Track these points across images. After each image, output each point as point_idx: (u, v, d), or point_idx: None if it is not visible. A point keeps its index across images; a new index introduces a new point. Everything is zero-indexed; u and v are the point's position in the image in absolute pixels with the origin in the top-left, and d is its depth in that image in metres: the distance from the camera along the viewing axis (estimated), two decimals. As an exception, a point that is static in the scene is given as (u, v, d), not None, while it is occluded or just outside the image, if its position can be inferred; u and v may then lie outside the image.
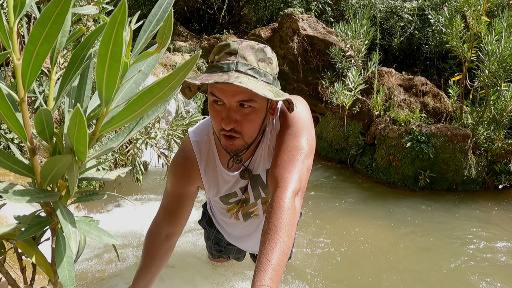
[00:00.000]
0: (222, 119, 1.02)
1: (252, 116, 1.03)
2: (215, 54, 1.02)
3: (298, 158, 1.03)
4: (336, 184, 3.72)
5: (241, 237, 1.58)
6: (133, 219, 2.62)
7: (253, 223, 1.47)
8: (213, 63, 1.01)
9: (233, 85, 0.95)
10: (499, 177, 3.66)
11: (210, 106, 1.05)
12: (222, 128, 1.03)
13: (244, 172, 1.23)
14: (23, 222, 0.75)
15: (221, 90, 0.99)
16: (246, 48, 0.99)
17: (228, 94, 0.99)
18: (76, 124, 0.60)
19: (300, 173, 1.01)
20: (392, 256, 2.43)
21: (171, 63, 4.77)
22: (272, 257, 0.83)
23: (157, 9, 0.66)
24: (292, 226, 0.90)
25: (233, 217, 1.42)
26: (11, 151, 0.81)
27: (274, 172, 1.03)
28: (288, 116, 1.12)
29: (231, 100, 0.99)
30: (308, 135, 1.10)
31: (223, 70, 0.97)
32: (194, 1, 6.45)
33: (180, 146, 1.29)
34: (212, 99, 1.03)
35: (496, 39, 3.39)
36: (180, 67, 0.59)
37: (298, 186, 0.99)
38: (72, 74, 0.71)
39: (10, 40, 0.63)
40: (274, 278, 0.80)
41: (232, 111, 1.01)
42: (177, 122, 2.74)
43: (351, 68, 4.34)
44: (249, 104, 1.01)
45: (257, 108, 1.03)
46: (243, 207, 1.36)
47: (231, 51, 0.99)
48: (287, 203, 0.93)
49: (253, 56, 0.99)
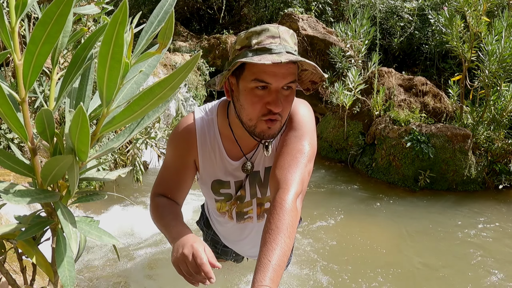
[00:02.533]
0: (267, 103, 1.01)
1: (291, 97, 1.05)
2: (251, 38, 1.00)
3: (301, 161, 1.04)
4: (336, 184, 3.72)
5: (235, 241, 1.56)
6: (133, 219, 2.62)
7: (247, 227, 1.44)
8: (251, 47, 0.99)
9: (283, 67, 0.97)
10: (499, 177, 3.66)
11: (250, 92, 1.01)
12: (267, 112, 1.02)
13: (246, 164, 1.23)
14: (23, 222, 0.75)
15: (272, 74, 0.98)
16: (285, 32, 1.01)
17: (280, 77, 0.98)
18: (79, 123, 0.60)
19: (302, 176, 1.01)
20: (392, 255, 2.43)
21: (171, 63, 4.77)
22: (273, 257, 0.83)
23: (159, 10, 0.66)
24: (293, 228, 0.90)
25: (227, 216, 1.40)
26: (12, 151, 0.81)
27: (276, 173, 1.03)
28: (294, 119, 1.13)
29: (281, 82, 0.99)
30: (311, 139, 1.11)
31: (274, 52, 0.96)
32: (194, 1, 6.45)
33: (182, 119, 1.26)
34: (255, 85, 1.00)
35: (496, 39, 3.39)
36: (180, 68, 0.59)
37: (300, 189, 0.99)
38: (73, 75, 0.71)
39: (12, 40, 0.63)
40: (274, 279, 0.80)
41: (280, 94, 1.01)
42: (177, 122, 2.74)
43: (351, 68, 4.34)
44: (292, 85, 1.02)
45: (294, 89, 1.05)
46: (237, 204, 1.35)
47: (273, 35, 0.99)
48: (289, 204, 0.93)
49: (291, 39, 1.02)
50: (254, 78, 0.99)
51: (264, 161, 1.24)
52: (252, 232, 1.47)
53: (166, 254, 2.23)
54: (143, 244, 2.35)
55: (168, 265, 2.11)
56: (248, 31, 1.02)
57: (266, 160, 1.23)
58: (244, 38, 1.01)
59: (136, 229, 2.49)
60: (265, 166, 1.25)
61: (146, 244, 2.34)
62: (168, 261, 2.23)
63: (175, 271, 1.00)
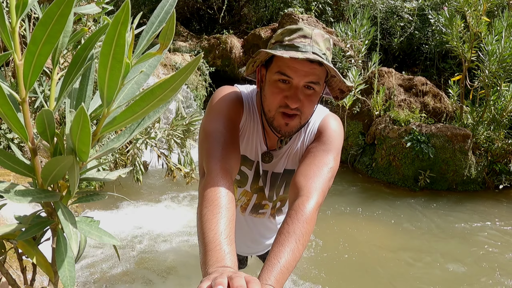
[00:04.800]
0: (286, 97, 1.03)
1: (314, 98, 1.06)
2: (285, 35, 1.04)
3: (326, 174, 1.05)
4: (336, 184, 3.72)
5: (238, 236, 1.56)
6: (133, 219, 2.62)
7: (254, 221, 1.45)
8: (282, 42, 1.03)
9: (306, 66, 1.00)
10: (499, 177, 3.66)
11: (273, 84, 1.05)
12: (284, 105, 1.04)
13: (266, 155, 1.23)
14: (23, 222, 0.75)
15: (294, 69, 1.01)
16: (318, 35, 1.04)
17: (301, 74, 1.01)
18: (80, 123, 0.60)
19: (324, 189, 1.03)
20: (392, 255, 2.43)
21: (171, 63, 4.77)
22: (282, 259, 0.82)
23: (159, 11, 0.66)
24: (307, 236, 0.91)
25: (240, 208, 1.40)
26: (12, 151, 0.80)
27: (300, 180, 1.03)
28: (324, 133, 1.15)
29: (302, 80, 1.02)
30: (338, 156, 1.13)
31: (300, 50, 1.00)
32: (194, 1, 6.45)
33: (222, 89, 1.17)
34: (278, 77, 1.03)
35: (496, 39, 3.39)
36: (182, 69, 0.59)
37: (321, 200, 1.01)
38: (74, 75, 0.71)
39: (12, 40, 0.63)
40: (280, 280, 0.80)
41: (299, 91, 1.03)
42: (177, 122, 2.74)
43: (351, 68, 4.33)
44: (314, 86, 1.04)
45: (317, 91, 1.06)
46: (258, 194, 1.35)
47: (305, 35, 1.02)
48: (309, 212, 0.93)
49: (323, 44, 1.04)
50: (277, 71, 1.03)
51: (285, 162, 1.25)
52: (256, 229, 1.47)
53: (166, 253, 2.23)
54: (143, 244, 2.34)
55: (169, 264, 2.11)
56: (284, 28, 1.06)
57: (289, 162, 1.25)
58: (279, 34, 1.06)
59: (136, 229, 2.49)
60: (285, 168, 1.26)
61: (147, 244, 2.34)
62: (168, 261, 2.23)
63: (175, 271, 0.99)
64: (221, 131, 1.06)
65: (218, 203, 0.87)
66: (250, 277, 0.63)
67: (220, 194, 0.89)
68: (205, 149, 1.04)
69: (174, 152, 2.91)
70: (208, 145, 1.04)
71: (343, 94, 1.14)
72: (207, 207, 0.86)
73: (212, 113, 1.11)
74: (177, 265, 2.07)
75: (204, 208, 0.86)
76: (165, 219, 2.70)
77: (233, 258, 0.77)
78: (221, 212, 0.85)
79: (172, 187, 3.30)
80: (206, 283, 0.63)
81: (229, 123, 1.09)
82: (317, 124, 1.19)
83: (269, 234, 1.52)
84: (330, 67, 0.99)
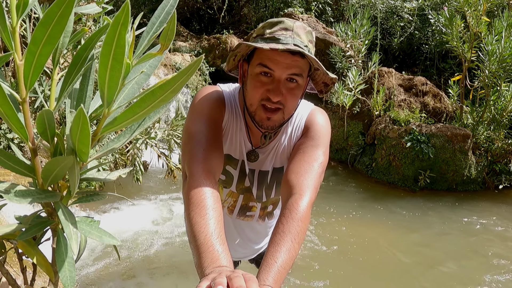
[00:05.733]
0: (268, 90, 1.02)
1: (296, 91, 1.05)
2: (266, 28, 1.03)
3: (317, 170, 1.05)
4: (336, 184, 3.72)
5: (229, 240, 1.53)
6: (133, 219, 2.62)
7: (241, 225, 1.41)
8: (263, 35, 1.02)
9: (288, 58, 0.98)
10: (499, 177, 3.66)
11: (254, 77, 1.03)
12: (266, 98, 1.02)
13: (251, 153, 1.21)
14: (24, 222, 0.75)
15: (276, 62, 0.99)
16: (300, 27, 1.02)
17: (283, 66, 1.00)
18: (79, 124, 0.60)
19: (316, 185, 1.02)
20: (391, 255, 2.43)
21: (171, 63, 4.77)
22: (279, 259, 0.82)
23: (160, 11, 0.66)
24: (302, 235, 0.90)
25: (227, 209, 1.38)
26: (12, 151, 0.80)
27: (292, 178, 1.02)
28: (312, 128, 1.14)
29: (284, 72, 1.00)
30: (327, 150, 1.13)
31: (281, 42, 0.98)
32: (194, 1, 6.45)
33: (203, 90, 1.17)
34: (260, 70, 1.02)
35: (496, 39, 3.39)
36: (183, 71, 0.59)
37: (314, 197, 1.00)
38: (74, 75, 0.71)
39: (13, 40, 0.63)
40: (278, 280, 0.80)
41: (281, 84, 1.01)
42: (177, 122, 2.74)
43: (351, 68, 4.33)
44: (297, 78, 1.02)
45: (300, 85, 1.05)
46: (244, 195, 1.33)
47: (286, 27, 1.01)
48: (303, 211, 0.93)
49: (305, 36, 1.02)
50: (259, 63, 1.01)
51: (272, 160, 1.23)
52: (245, 233, 1.43)
53: (166, 253, 2.23)
54: (143, 243, 2.34)
55: (169, 264, 2.11)
56: (266, 22, 1.05)
57: (277, 159, 1.23)
58: (261, 27, 1.05)
59: (136, 229, 2.49)
60: (274, 166, 1.24)
61: (147, 243, 2.34)
62: (168, 260, 2.23)
63: (175, 271, 0.99)
64: (203, 131, 1.06)
65: (205, 205, 0.88)
66: (247, 275, 0.64)
67: (205, 195, 0.90)
68: (187, 152, 1.04)
69: (175, 152, 2.91)
70: (190, 147, 1.04)
71: (327, 88, 1.12)
72: (193, 210, 0.87)
73: (194, 114, 1.11)
74: (177, 264, 2.07)
75: (191, 212, 0.87)
76: (165, 219, 2.70)
77: (228, 257, 0.79)
78: (209, 213, 0.87)
79: (172, 187, 3.31)
80: (205, 283, 0.64)
81: (210, 123, 1.08)
82: (304, 119, 1.17)
83: (257, 239, 1.47)
84: (313, 59, 0.97)
